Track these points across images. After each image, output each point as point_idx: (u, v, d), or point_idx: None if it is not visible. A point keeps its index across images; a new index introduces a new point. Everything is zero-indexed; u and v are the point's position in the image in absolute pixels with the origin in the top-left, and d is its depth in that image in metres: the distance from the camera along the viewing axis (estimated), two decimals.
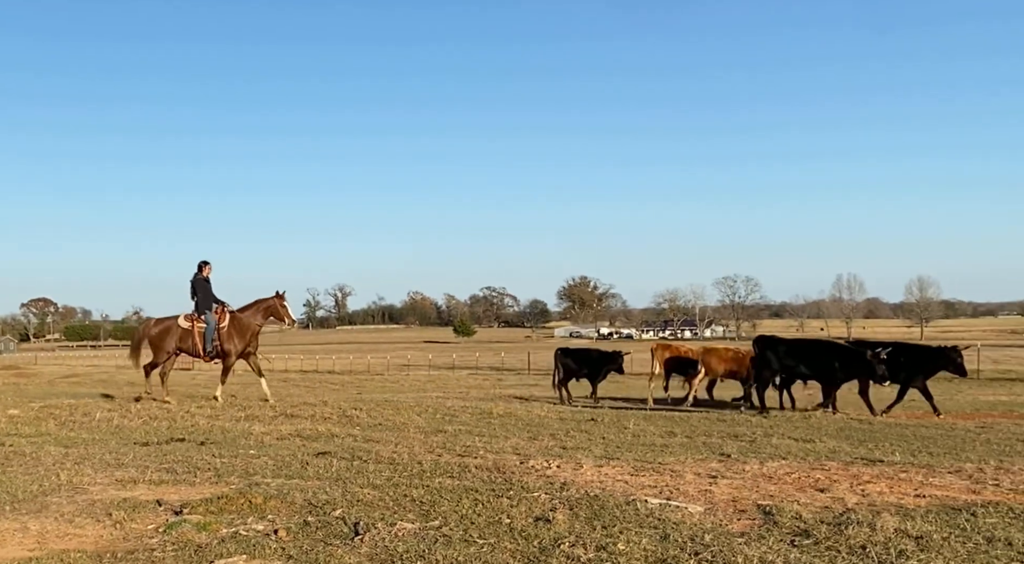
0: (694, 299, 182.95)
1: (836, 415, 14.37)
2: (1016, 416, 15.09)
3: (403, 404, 16.12)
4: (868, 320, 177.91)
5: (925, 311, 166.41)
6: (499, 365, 66.03)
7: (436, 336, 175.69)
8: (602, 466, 8.11)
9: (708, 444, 10.06)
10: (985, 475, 7.59)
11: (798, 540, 5.24)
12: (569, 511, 5.99)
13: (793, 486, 7.06)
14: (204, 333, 16.26)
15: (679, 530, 5.47)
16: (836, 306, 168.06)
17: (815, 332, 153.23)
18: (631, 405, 19.99)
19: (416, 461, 8.32)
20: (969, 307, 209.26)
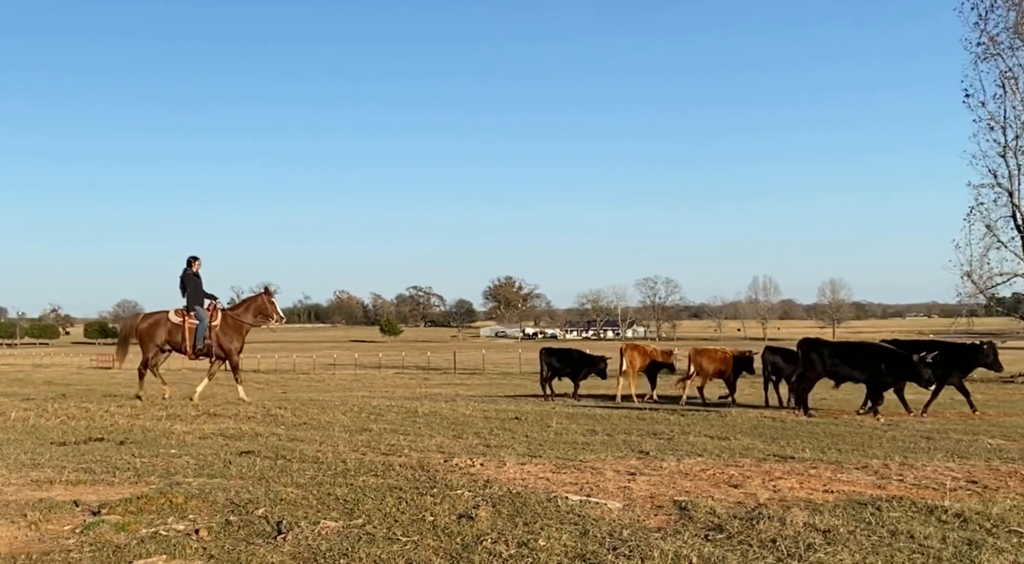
0: (616, 300, 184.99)
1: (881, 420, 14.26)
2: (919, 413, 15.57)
3: (328, 403, 15.99)
4: (783, 321, 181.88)
5: (837, 312, 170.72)
6: (425, 364, 65.84)
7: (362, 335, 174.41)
8: (525, 464, 8.15)
9: (628, 442, 10.17)
10: (890, 471, 7.83)
11: (712, 535, 5.34)
12: (492, 508, 6.01)
13: (708, 482, 7.19)
14: (195, 330, 15.82)
15: (598, 526, 5.53)
16: (752, 307, 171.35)
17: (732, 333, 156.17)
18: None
19: (340, 460, 8.26)
20: (879, 309, 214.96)
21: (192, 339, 15.82)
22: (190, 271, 16.18)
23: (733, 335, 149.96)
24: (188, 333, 15.80)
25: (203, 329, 15.86)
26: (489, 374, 50.80)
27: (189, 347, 15.90)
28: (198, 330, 15.82)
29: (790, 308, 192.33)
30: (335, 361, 73.42)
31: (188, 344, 15.86)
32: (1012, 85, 37.69)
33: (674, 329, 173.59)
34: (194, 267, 16.22)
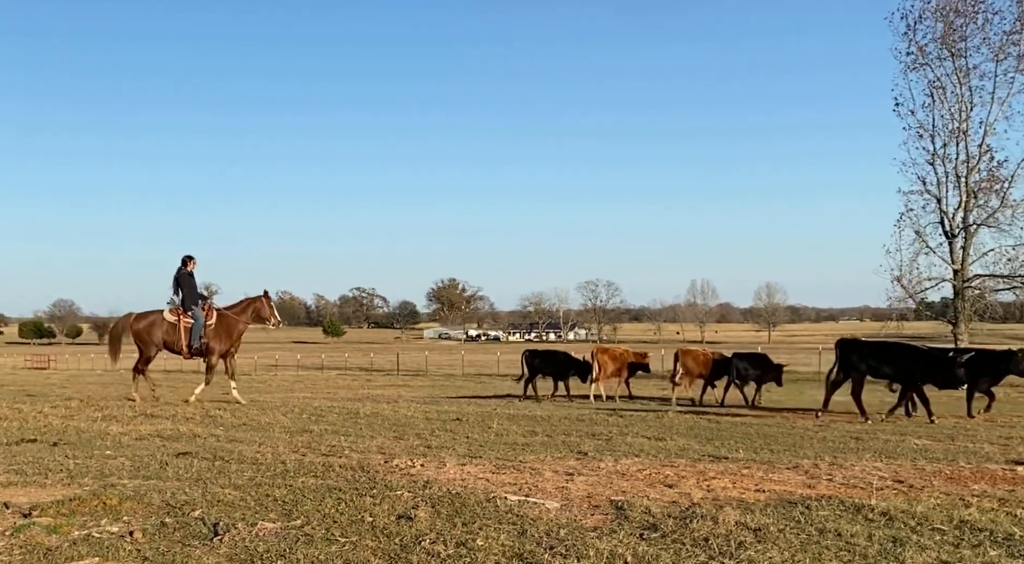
0: (558, 302, 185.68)
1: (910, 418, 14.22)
2: (851, 414, 15.84)
3: (269, 404, 15.81)
4: (720, 324, 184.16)
5: (772, 316, 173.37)
6: (368, 366, 65.41)
7: (305, 336, 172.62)
8: (465, 464, 8.15)
9: (567, 443, 10.22)
10: (820, 471, 7.98)
11: (647, 533, 5.39)
12: (431, 509, 5.99)
13: (644, 482, 7.25)
14: (191, 329, 15.73)
15: (536, 526, 5.55)
16: (691, 310, 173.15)
17: (671, 335, 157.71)
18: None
19: (280, 461, 8.17)
20: (813, 312, 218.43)
21: (188, 338, 15.74)
22: (185, 270, 16.08)
23: (672, 338, 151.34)
24: (184, 332, 15.73)
25: (199, 328, 15.78)
26: (432, 376, 50.66)
27: (185, 346, 15.82)
28: (193, 329, 15.75)
29: (727, 311, 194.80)
30: (277, 362, 72.59)
31: (184, 343, 15.78)
32: (940, 94, 38.63)
33: (615, 332, 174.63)
34: (189, 266, 16.13)
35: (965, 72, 38.33)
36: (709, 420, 13.46)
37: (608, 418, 13.65)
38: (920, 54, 38.73)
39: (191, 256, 16.25)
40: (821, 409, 15.61)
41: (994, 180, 38.44)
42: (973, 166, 38.44)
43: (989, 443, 10.46)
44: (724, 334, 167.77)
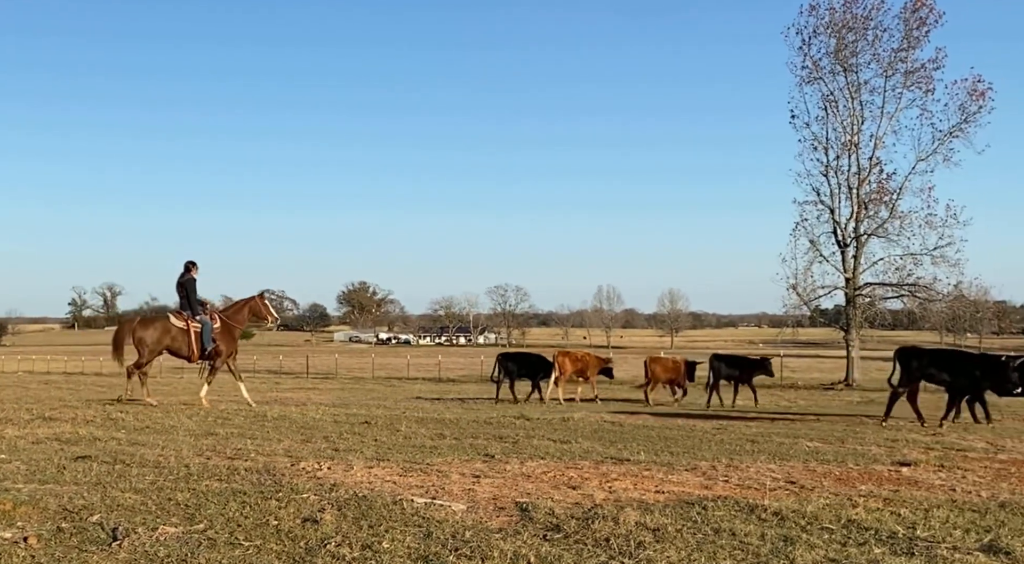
0: (468, 306, 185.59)
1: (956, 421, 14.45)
2: (748, 417, 16.25)
3: (173, 406, 15.41)
4: (626, 329, 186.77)
5: (675, 322, 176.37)
6: (277, 368, 64.23)
7: None
8: (372, 467, 8.09)
9: (475, 445, 10.22)
10: (717, 472, 8.16)
11: (550, 534, 5.43)
12: (337, 512, 5.93)
13: (549, 484, 7.31)
14: (200, 334, 15.69)
15: (442, 528, 5.54)
16: (597, 316, 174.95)
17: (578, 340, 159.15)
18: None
19: (183, 464, 7.97)
20: (713, 318, 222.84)
21: (199, 343, 15.74)
22: (189, 276, 16.04)
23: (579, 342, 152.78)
24: (194, 338, 15.68)
25: (208, 333, 15.81)
26: (342, 379, 50.07)
27: (196, 351, 15.83)
28: (203, 334, 15.74)
29: (632, 317, 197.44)
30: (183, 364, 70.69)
31: (195, 348, 15.78)
32: (833, 108, 40.01)
33: (523, 336, 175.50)
34: (193, 272, 16.10)
35: (856, 87, 39.79)
36: (613, 423, 13.61)
37: (515, 421, 13.70)
38: (814, 68, 40.08)
39: (194, 262, 16.22)
40: (884, 417, 15.91)
41: (883, 192, 39.96)
42: (864, 178, 39.88)
43: (876, 445, 10.82)
44: (629, 339, 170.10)
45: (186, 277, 16.05)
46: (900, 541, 5.40)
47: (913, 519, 6.01)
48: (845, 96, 39.85)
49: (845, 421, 15.53)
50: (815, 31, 39.86)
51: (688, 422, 14.37)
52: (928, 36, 38.79)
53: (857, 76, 39.71)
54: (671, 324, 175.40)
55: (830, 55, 39.69)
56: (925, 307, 41.99)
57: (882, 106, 39.66)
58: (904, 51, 39.01)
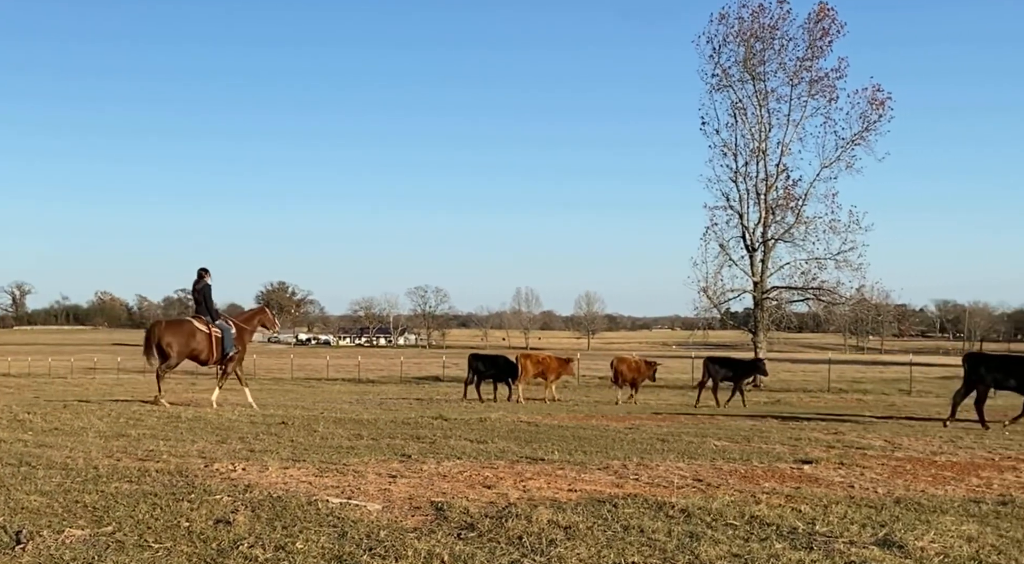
0: (388, 308, 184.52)
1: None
2: (659, 418, 16.50)
3: (84, 408, 14.97)
4: (544, 331, 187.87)
5: (592, 324, 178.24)
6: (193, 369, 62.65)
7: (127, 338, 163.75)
8: (288, 468, 7.99)
9: (392, 446, 10.17)
10: (628, 471, 8.27)
11: (464, 533, 5.44)
12: (251, 513, 5.84)
13: (464, 484, 7.32)
14: (222, 339, 16.27)
15: (357, 528, 5.50)
16: (516, 317, 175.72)
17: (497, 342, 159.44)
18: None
19: (92, 466, 7.75)
20: (629, 321, 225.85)
21: (219, 348, 16.28)
22: (205, 282, 16.59)
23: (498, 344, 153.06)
24: (215, 342, 16.21)
25: (230, 339, 16.42)
26: (260, 379, 49.21)
27: (216, 355, 16.37)
28: (225, 340, 16.32)
29: (550, 319, 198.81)
30: (95, 365, 68.74)
31: (215, 353, 16.31)
32: (742, 115, 40.90)
33: (443, 337, 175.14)
34: (206, 278, 16.63)
35: (764, 95, 40.73)
36: (529, 424, 13.68)
37: (433, 422, 13.66)
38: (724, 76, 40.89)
39: (207, 269, 16.79)
40: (948, 418, 16.10)
41: (790, 198, 40.98)
42: (771, 184, 40.84)
43: (780, 444, 11.10)
44: (547, 341, 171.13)
45: (202, 283, 16.56)
46: (800, 536, 5.55)
47: (813, 515, 6.19)
48: (753, 104, 40.75)
49: (752, 420, 15.88)
50: (725, 40, 40.68)
51: (602, 423, 14.53)
52: (831, 46, 39.94)
53: (765, 84, 40.64)
54: (588, 326, 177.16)
55: (739, 64, 40.53)
56: (829, 310, 43.16)
57: (788, 114, 40.70)
58: (808, 60, 40.07)
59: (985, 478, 8.41)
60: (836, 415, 15.40)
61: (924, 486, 7.83)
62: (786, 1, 39.89)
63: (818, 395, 30.70)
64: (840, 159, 40.13)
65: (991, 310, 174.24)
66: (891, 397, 26.33)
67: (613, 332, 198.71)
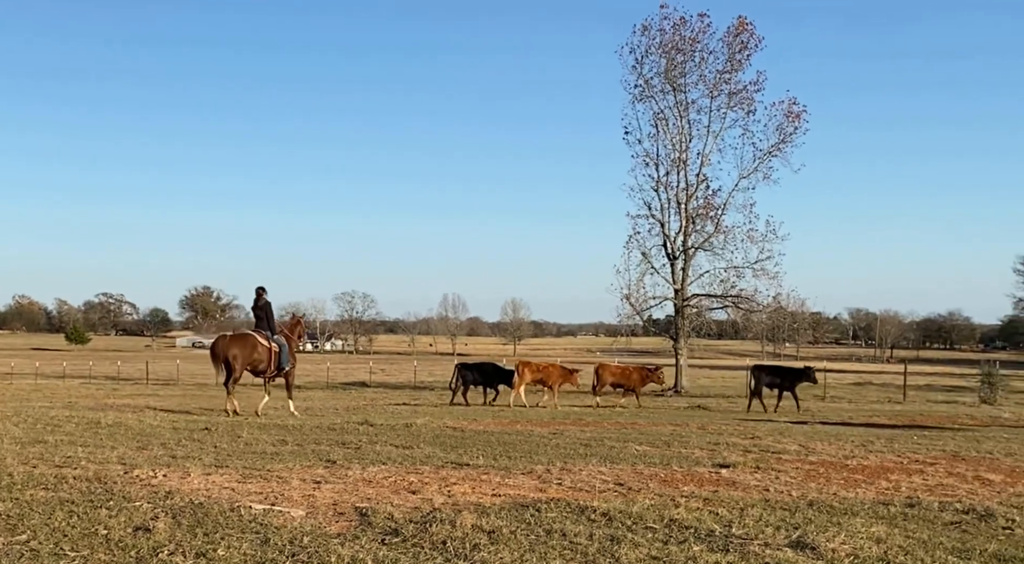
0: (315, 313, 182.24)
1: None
2: (583, 423, 16.59)
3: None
4: (471, 337, 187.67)
5: (518, 330, 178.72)
6: (115, 374, 61.12)
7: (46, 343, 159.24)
8: (210, 474, 7.83)
9: (317, 452, 10.05)
10: (551, 475, 8.31)
11: (388, 538, 5.40)
12: (171, 520, 5.71)
13: (389, 489, 7.27)
14: (279, 353, 17.36)
15: (280, 534, 5.42)
16: (443, 323, 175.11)
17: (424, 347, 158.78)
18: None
19: (6, 473, 7.47)
20: (554, 327, 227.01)
21: (277, 360, 17.37)
22: (265, 300, 17.77)
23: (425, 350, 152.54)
24: (273, 356, 17.30)
25: (286, 352, 17.54)
26: (184, 385, 48.09)
27: (274, 367, 17.44)
28: (282, 354, 17.42)
29: (477, 325, 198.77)
30: (12, 370, 66.32)
31: (272, 365, 17.37)
32: (664, 126, 41.44)
33: (371, 343, 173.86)
34: (265, 296, 17.77)
35: (685, 106, 41.36)
36: (455, 429, 13.65)
37: (359, 427, 13.54)
38: (646, 87, 41.37)
39: (264, 287, 17.87)
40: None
41: (709, 207, 41.67)
42: (692, 194, 41.48)
43: (700, 449, 11.27)
44: (474, 347, 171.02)
45: (262, 301, 17.78)
46: (717, 539, 5.65)
47: (730, 518, 6.30)
48: (675, 114, 41.32)
49: (672, 425, 16.10)
50: (647, 51, 41.13)
51: (527, 428, 14.56)
52: (750, 59, 40.74)
53: (685, 96, 41.23)
54: (514, 332, 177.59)
55: (660, 75, 41.03)
56: (748, 317, 43.99)
57: (708, 125, 41.37)
58: (728, 73, 40.79)
59: (894, 481, 8.66)
60: (754, 420, 15.70)
61: (836, 489, 8.03)
62: (706, 15, 40.60)
63: (736, 400, 31.24)
64: (758, 170, 40.93)
65: (901, 318, 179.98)
66: (806, 402, 26.96)
67: (539, 338, 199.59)
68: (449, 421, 15.56)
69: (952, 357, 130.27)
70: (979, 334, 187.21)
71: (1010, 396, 36.91)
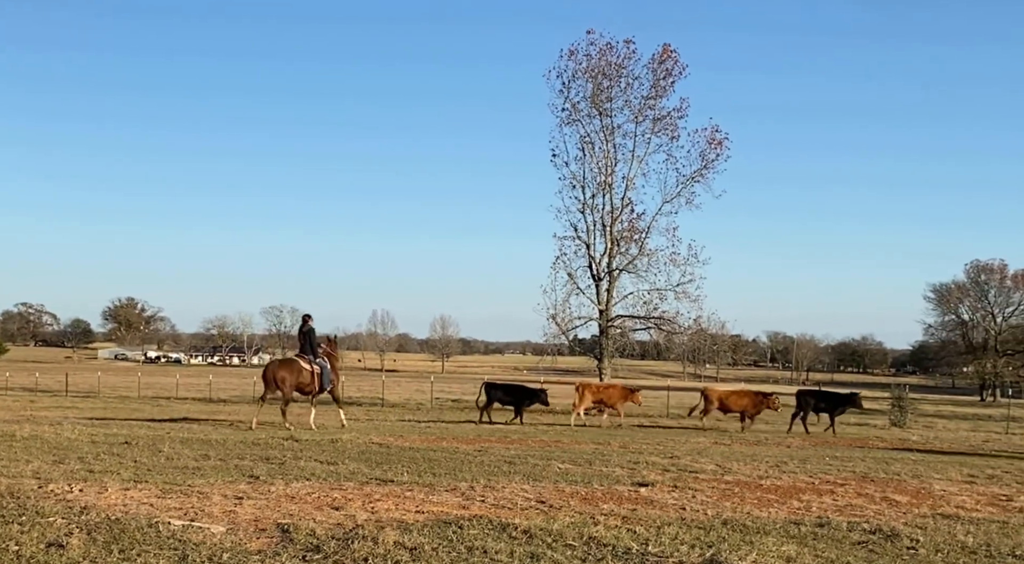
0: (242, 326, 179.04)
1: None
2: (508, 441, 16.61)
3: None
4: (399, 353, 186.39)
5: (446, 347, 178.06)
6: (33, 386, 58.98)
7: None
8: (129, 489, 7.62)
9: (240, 467, 9.86)
10: (475, 492, 8.29)
11: (309, 555, 5.32)
12: (86, 536, 5.54)
13: (312, 505, 7.17)
14: (321, 375, 18.90)
15: (199, 551, 5.30)
16: (372, 339, 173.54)
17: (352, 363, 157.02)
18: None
19: None
20: (482, 345, 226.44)
21: (319, 381, 18.89)
22: (309, 325, 19.29)
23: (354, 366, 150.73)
24: (316, 377, 18.83)
25: (328, 374, 19.07)
26: (105, 397, 46.71)
27: (317, 388, 18.99)
28: (323, 375, 18.95)
29: (406, 341, 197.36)
30: None
31: (316, 385, 18.91)
32: (590, 149, 41.74)
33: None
34: (310, 322, 19.36)
35: (611, 130, 41.75)
36: (380, 445, 13.54)
37: (284, 443, 13.33)
38: (573, 111, 41.67)
39: (310, 314, 19.63)
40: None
41: (634, 230, 42.11)
42: (616, 217, 41.86)
43: (620, 467, 11.36)
44: (402, 363, 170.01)
45: (307, 327, 19.32)
46: (634, 556, 5.70)
47: (647, 536, 6.36)
48: (600, 139, 41.61)
49: (595, 444, 16.22)
50: (574, 75, 41.38)
51: (453, 445, 14.51)
52: (673, 86, 41.25)
53: (611, 120, 41.53)
54: (442, 349, 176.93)
55: (587, 99, 41.31)
56: (670, 339, 44.51)
57: (633, 150, 41.73)
58: (652, 99, 41.23)
59: (805, 501, 8.85)
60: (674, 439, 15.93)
61: (750, 508, 8.18)
62: (632, 41, 41.05)
63: (657, 419, 31.62)
64: (681, 195, 41.41)
65: (817, 342, 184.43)
66: (725, 423, 27.40)
67: (467, 356, 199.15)
68: (375, 437, 15.42)
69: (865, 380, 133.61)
70: (891, 358, 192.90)
71: (919, 419, 38.09)
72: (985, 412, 50.77)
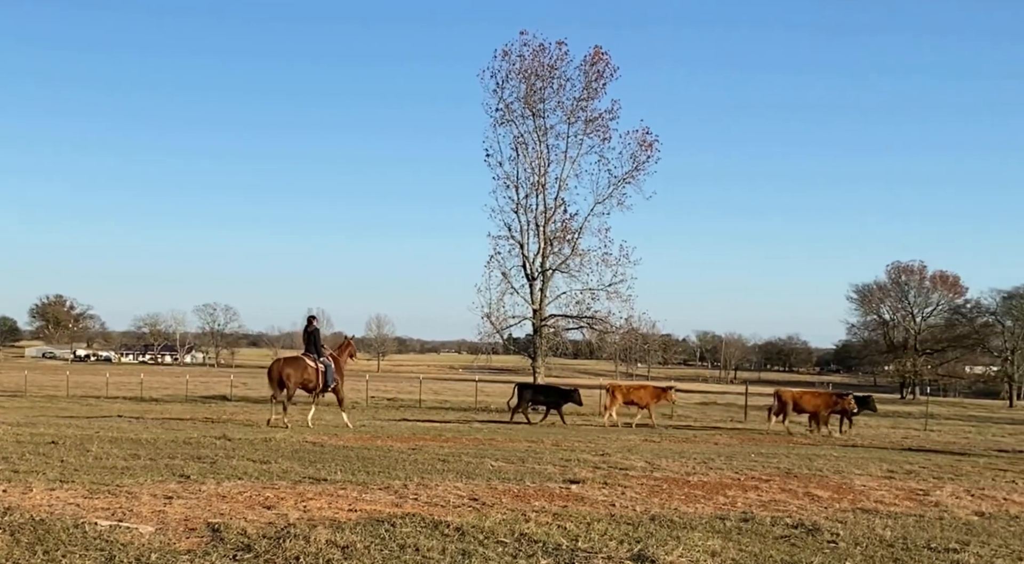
0: (175, 325, 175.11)
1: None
2: (442, 439, 16.58)
3: None
4: None
5: (382, 346, 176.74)
6: None
7: None
8: (55, 489, 7.43)
9: (171, 466, 9.68)
10: (408, 491, 8.27)
11: (240, 555, 5.26)
12: (10, 537, 5.40)
13: (244, 504, 7.07)
14: (325, 372, 19.47)
15: (126, 551, 5.20)
16: None
17: None
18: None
19: None
20: (418, 344, 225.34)
21: (323, 379, 19.48)
22: (314, 326, 20.17)
23: None
24: (320, 375, 19.42)
25: (331, 372, 19.62)
26: (32, 397, 45.23)
27: (321, 385, 19.52)
28: (327, 373, 19.52)
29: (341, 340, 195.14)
30: None
31: (320, 383, 19.48)
32: (523, 149, 41.79)
33: (233, 356, 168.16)
34: (315, 323, 20.23)
35: (544, 131, 41.86)
36: (314, 444, 13.40)
37: (216, 442, 13.11)
38: (507, 111, 41.68)
39: (314, 315, 20.53)
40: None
41: (567, 231, 42.29)
42: (550, 217, 42.01)
43: (552, 465, 11.44)
44: None
45: (312, 328, 20.15)
46: (564, 552, 5.75)
47: (576, 532, 6.43)
48: (534, 139, 41.68)
49: (528, 442, 16.28)
50: (508, 76, 41.35)
51: (387, 443, 14.43)
52: (605, 88, 41.52)
53: (544, 121, 41.62)
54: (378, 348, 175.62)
55: (521, 100, 41.36)
56: (602, 338, 44.81)
57: (566, 150, 41.85)
58: (584, 101, 41.43)
59: (731, 497, 9.02)
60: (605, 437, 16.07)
61: (677, 504, 8.31)
62: (564, 43, 41.24)
63: (590, 418, 31.86)
64: (612, 196, 41.70)
65: (744, 341, 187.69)
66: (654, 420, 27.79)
67: (403, 355, 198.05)
68: (309, 436, 15.25)
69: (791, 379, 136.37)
70: (815, 357, 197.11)
71: None
72: (905, 410, 52.17)
